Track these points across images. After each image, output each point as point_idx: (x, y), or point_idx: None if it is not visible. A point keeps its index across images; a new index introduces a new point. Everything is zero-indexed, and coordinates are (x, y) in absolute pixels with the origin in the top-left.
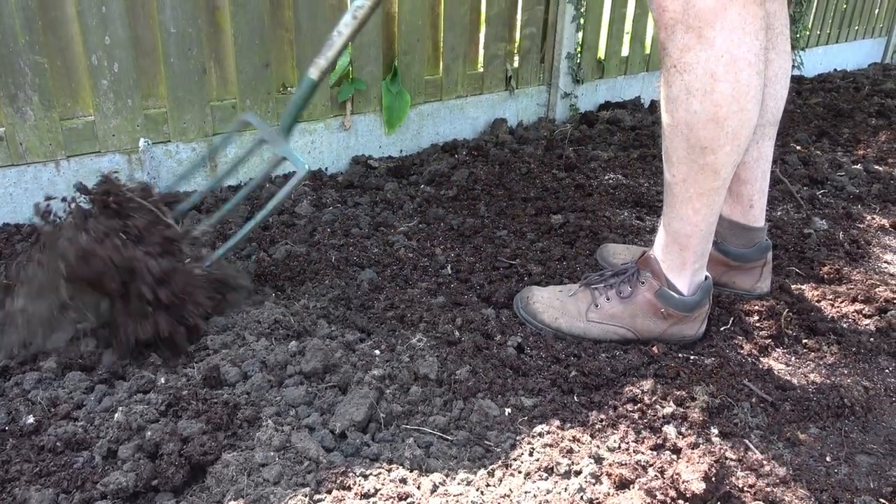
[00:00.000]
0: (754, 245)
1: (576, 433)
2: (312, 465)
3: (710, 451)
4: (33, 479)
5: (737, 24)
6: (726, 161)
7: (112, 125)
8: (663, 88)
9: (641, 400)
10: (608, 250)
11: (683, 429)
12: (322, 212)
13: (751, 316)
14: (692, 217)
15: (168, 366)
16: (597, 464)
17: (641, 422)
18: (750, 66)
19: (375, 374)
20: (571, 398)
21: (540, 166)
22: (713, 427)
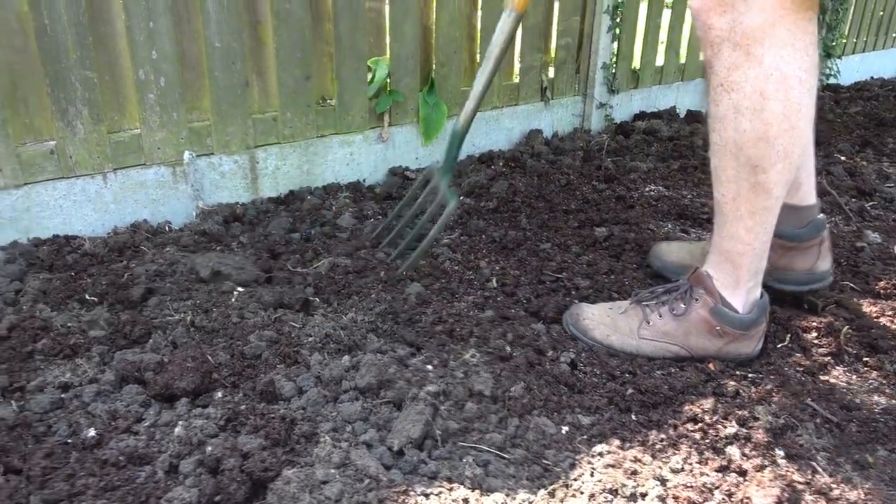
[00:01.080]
0: (808, 224)
1: (637, 453)
2: (373, 483)
3: (777, 474)
4: (99, 493)
5: (786, 41)
6: (778, 180)
7: (158, 138)
8: (711, 107)
9: (702, 419)
10: (661, 249)
11: (747, 450)
12: (364, 223)
13: (808, 333)
14: (744, 236)
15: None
16: (662, 486)
17: (703, 442)
18: (801, 83)
19: (430, 389)
20: (629, 416)
21: (579, 178)
22: (778, 448)
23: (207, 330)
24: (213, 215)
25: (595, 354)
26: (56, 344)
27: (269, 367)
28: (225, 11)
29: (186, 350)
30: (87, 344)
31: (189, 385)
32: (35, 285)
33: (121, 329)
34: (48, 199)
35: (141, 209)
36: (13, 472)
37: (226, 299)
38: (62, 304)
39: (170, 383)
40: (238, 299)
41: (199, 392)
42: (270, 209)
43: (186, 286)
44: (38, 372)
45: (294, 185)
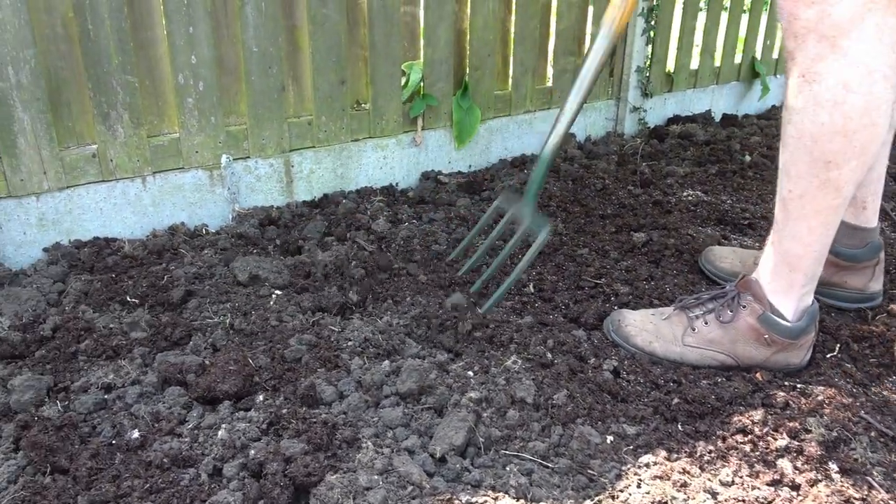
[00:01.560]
0: (866, 245)
1: (685, 465)
2: (416, 491)
3: (833, 489)
4: (144, 495)
5: (873, 35)
6: (850, 178)
7: (196, 142)
8: (788, 99)
9: (751, 431)
10: (714, 254)
11: (799, 463)
12: (398, 227)
13: (859, 342)
14: (806, 236)
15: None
16: (713, 499)
17: (754, 455)
18: (885, 79)
19: (472, 396)
20: (676, 427)
21: (614, 182)
22: (831, 462)
23: (246, 333)
24: (249, 218)
25: (638, 362)
26: (99, 345)
27: (309, 370)
28: (263, 16)
29: (228, 353)
30: (128, 345)
31: (231, 388)
32: (77, 286)
33: (161, 331)
34: (89, 201)
35: (178, 212)
36: (60, 471)
37: (264, 302)
38: (104, 306)
39: (212, 386)
40: (276, 302)
41: (241, 395)
42: (305, 213)
43: (225, 289)
44: (81, 372)
45: (328, 188)
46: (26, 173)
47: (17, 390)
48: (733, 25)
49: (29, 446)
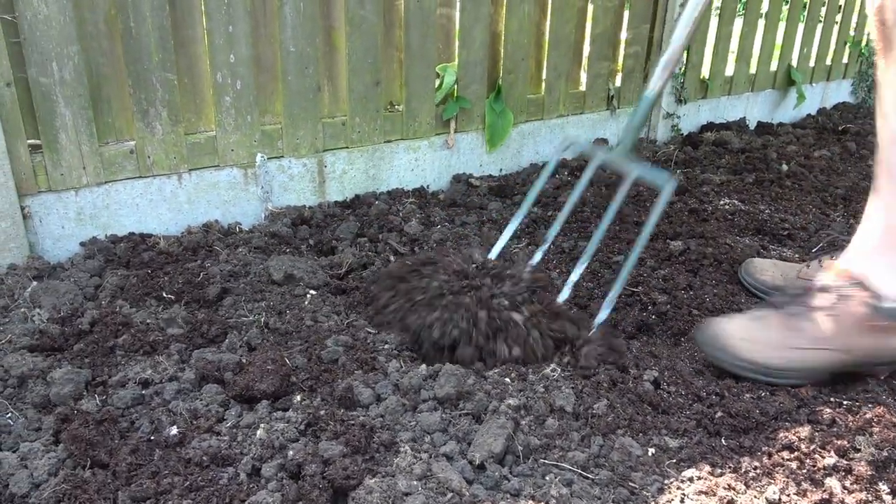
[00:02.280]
0: None
1: (730, 481)
2: (456, 498)
3: None
4: (184, 492)
5: None
6: None
7: (232, 140)
8: (883, 102)
9: (798, 448)
10: (755, 266)
11: (849, 483)
12: (431, 230)
13: None
14: None
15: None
16: None
17: (801, 472)
18: None
19: (510, 403)
20: (719, 441)
21: (649, 189)
22: (882, 483)
23: (282, 332)
24: (282, 217)
25: (679, 374)
26: (136, 340)
27: (346, 372)
28: (301, 17)
29: (265, 352)
30: (165, 341)
31: (269, 388)
32: (113, 281)
33: (198, 328)
34: (126, 197)
35: (213, 209)
36: (100, 466)
37: (299, 302)
38: (140, 301)
39: (250, 385)
40: (311, 302)
41: (279, 395)
42: (337, 213)
43: (260, 287)
44: (119, 367)
45: (360, 189)
46: (66, 168)
47: (57, 383)
48: (770, 32)
49: (69, 440)
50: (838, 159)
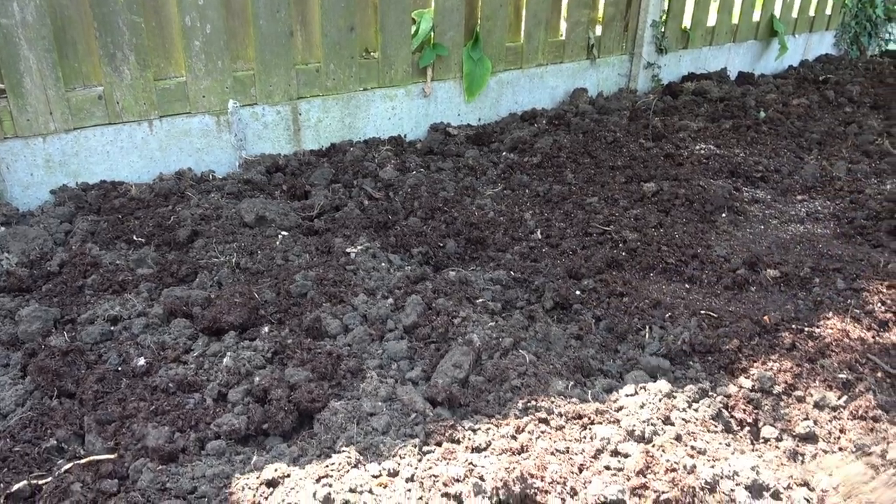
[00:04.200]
0: None
1: (683, 404)
2: (420, 418)
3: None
4: (150, 416)
5: None
6: None
7: (203, 86)
8: None
9: (757, 370)
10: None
11: (808, 405)
12: (406, 176)
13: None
14: None
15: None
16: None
17: (759, 392)
18: None
19: (473, 335)
20: (685, 362)
21: (626, 136)
22: (842, 403)
23: (252, 271)
24: (256, 165)
25: (641, 308)
26: (105, 280)
27: (315, 305)
28: None
29: (234, 286)
30: (135, 281)
31: (236, 319)
32: (84, 226)
33: (168, 268)
34: (96, 144)
35: (185, 157)
36: (67, 395)
37: (270, 242)
38: (110, 244)
39: (217, 317)
40: (282, 243)
41: (247, 327)
42: (312, 161)
43: (231, 230)
44: (88, 306)
45: (335, 138)
46: (32, 114)
47: (25, 321)
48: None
49: (36, 371)
50: (816, 107)
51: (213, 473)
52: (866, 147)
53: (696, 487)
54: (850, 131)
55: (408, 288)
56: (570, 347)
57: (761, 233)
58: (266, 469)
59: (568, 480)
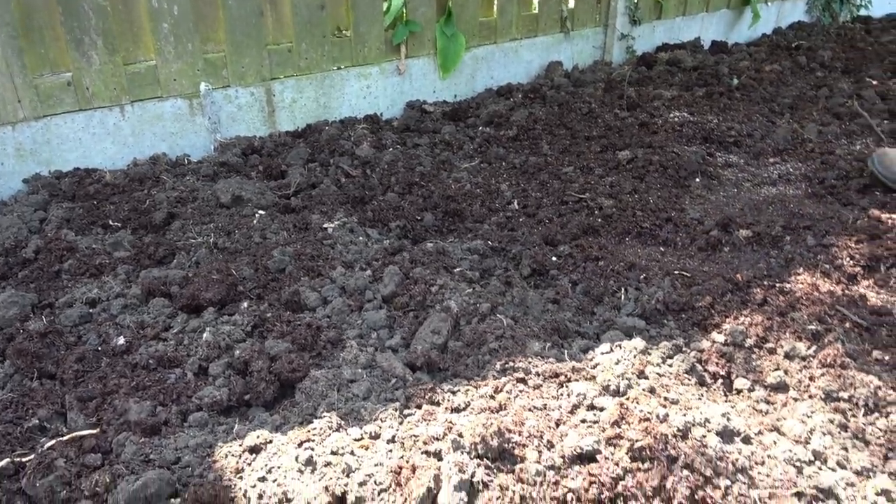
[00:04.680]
0: None
1: (658, 359)
2: (400, 383)
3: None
4: (131, 391)
5: None
6: None
7: (173, 69)
8: None
9: (729, 325)
10: (890, 159)
11: (779, 357)
12: (383, 153)
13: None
14: None
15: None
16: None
17: (731, 346)
18: None
19: (451, 302)
20: (658, 320)
21: (601, 106)
22: (811, 355)
23: (230, 251)
24: (232, 148)
25: (609, 269)
26: (82, 264)
27: (293, 279)
28: None
29: (211, 264)
30: (112, 264)
31: (215, 296)
32: (59, 213)
33: (145, 250)
34: (67, 131)
35: (159, 142)
36: (47, 376)
37: (248, 222)
38: (86, 230)
39: (196, 294)
40: (260, 221)
41: (225, 303)
42: (288, 142)
43: (208, 211)
44: (65, 290)
45: (311, 118)
46: (0, 101)
47: (1, 307)
48: None
49: (14, 354)
50: (788, 72)
51: (196, 443)
52: (837, 109)
53: (669, 434)
54: (821, 95)
55: (385, 259)
56: (547, 311)
57: (734, 195)
58: (248, 436)
59: (545, 434)
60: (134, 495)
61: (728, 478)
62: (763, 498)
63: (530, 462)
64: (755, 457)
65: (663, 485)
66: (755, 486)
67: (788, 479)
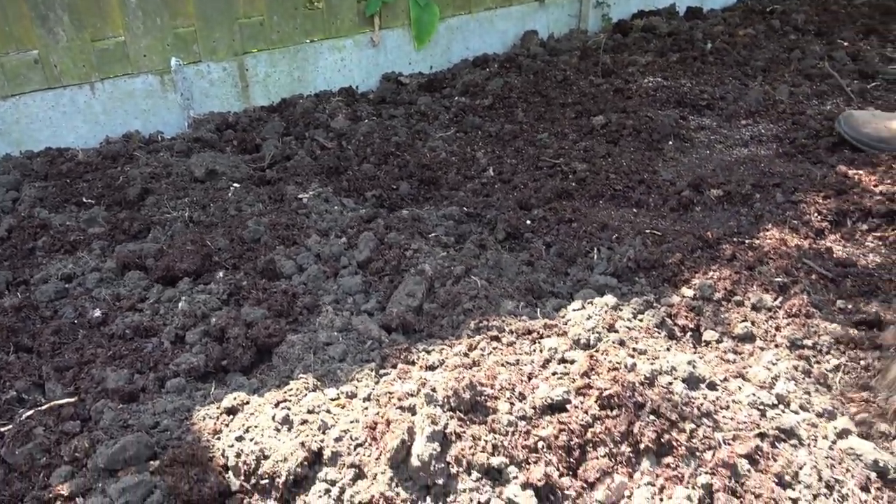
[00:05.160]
0: None
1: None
2: (375, 344)
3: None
4: (108, 361)
5: None
6: None
7: (143, 45)
8: None
9: (699, 280)
10: (856, 120)
11: (747, 308)
12: (358, 125)
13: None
14: None
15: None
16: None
17: (700, 299)
18: None
19: (425, 265)
20: (630, 277)
21: (576, 73)
22: (777, 305)
23: (206, 224)
24: (206, 124)
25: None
26: (56, 241)
27: (268, 248)
28: None
29: (185, 236)
30: (87, 240)
31: (190, 267)
32: (31, 193)
33: (119, 226)
34: (37, 110)
35: (132, 120)
36: (24, 350)
37: (223, 195)
38: (60, 207)
39: (171, 266)
40: (234, 194)
41: (201, 273)
42: (263, 116)
43: (182, 186)
44: (40, 267)
45: (285, 92)
46: None
47: None
48: None
49: None
50: (762, 36)
51: (174, 408)
52: (808, 71)
53: (636, 383)
54: (793, 57)
55: (360, 227)
56: (521, 273)
57: (706, 157)
58: (226, 399)
59: (517, 387)
60: (112, 458)
61: (693, 421)
62: (727, 439)
63: (502, 413)
64: (720, 402)
65: (630, 430)
66: (720, 429)
67: (752, 422)
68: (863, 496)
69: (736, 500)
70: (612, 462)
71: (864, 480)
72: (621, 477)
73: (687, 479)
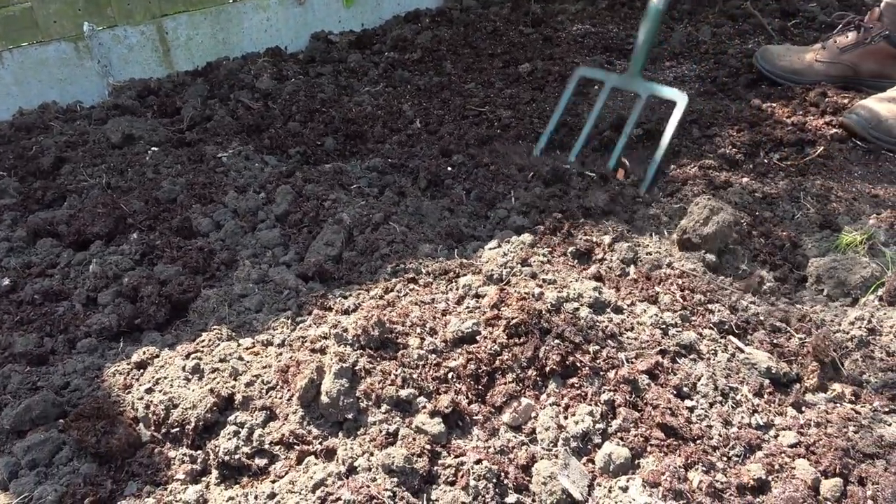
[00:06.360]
0: None
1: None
2: (292, 294)
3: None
4: (15, 326)
5: None
6: None
7: (52, 10)
8: None
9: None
10: (771, 53)
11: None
12: (284, 84)
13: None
14: None
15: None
16: None
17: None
18: None
19: (343, 214)
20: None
21: (506, 24)
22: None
23: (124, 189)
24: (127, 91)
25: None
26: None
27: (184, 208)
28: None
29: (96, 199)
30: None
31: (102, 229)
32: None
33: (32, 195)
34: None
35: (47, 90)
36: None
37: (140, 159)
38: None
39: (82, 229)
40: (153, 157)
41: (114, 235)
42: (188, 81)
43: (99, 152)
44: None
45: (210, 56)
46: None
47: None
48: None
49: None
50: None
51: (85, 367)
52: (732, 12)
53: (543, 310)
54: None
55: (279, 182)
56: (443, 219)
57: (630, 98)
58: (135, 354)
59: (428, 323)
60: (18, 419)
61: (597, 343)
62: (630, 358)
63: (413, 348)
64: (625, 324)
65: (536, 355)
66: (623, 349)
67: (654, 340)
68: (755, 401)
69: (636, 413)
70: (520, 386)
71: (757, 387)
72: (528, 399)
73: (591, 396)
